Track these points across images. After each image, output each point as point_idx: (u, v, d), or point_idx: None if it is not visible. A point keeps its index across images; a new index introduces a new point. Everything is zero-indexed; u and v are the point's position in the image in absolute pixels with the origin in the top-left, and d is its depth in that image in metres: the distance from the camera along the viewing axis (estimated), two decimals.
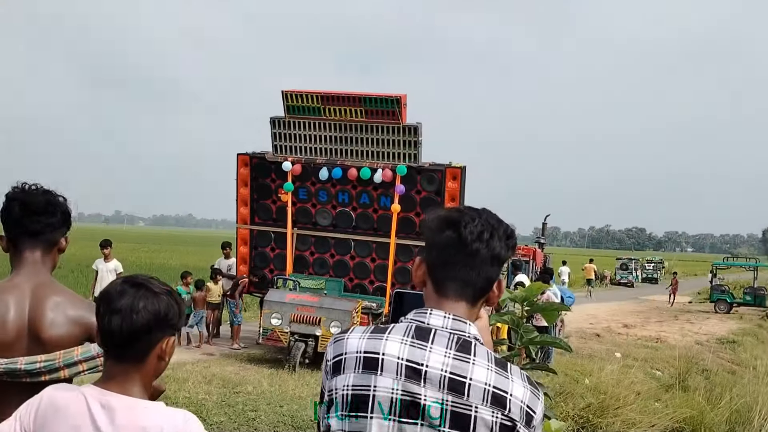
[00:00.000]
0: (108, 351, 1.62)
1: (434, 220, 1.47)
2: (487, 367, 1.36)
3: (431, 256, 1.45)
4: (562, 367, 9.95)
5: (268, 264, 11.33)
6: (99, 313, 1.60)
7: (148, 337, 1.59)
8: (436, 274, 1.44)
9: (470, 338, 1.40)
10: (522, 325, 3.44)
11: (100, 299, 1.61)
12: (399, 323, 1.45)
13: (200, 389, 8.05)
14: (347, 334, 1.45)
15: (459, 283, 1.43)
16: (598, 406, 7.73)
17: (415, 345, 1.38)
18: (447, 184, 10.02)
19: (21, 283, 2.07)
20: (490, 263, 1.43)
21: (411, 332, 1.40)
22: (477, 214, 1.44)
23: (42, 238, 2.12)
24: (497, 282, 1.46)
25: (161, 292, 1.63)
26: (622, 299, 28.90)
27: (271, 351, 10.83)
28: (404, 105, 10.04)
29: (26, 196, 2.10)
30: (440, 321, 1.41)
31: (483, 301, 1.46)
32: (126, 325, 1.56)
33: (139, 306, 1.57)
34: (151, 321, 1.58)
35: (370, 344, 1.40)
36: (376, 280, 10.74)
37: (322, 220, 10.85)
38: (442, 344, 1.38)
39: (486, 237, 1.42)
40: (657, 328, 19.10)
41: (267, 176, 10.99)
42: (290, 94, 10.44)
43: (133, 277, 1.66)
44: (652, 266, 43.93)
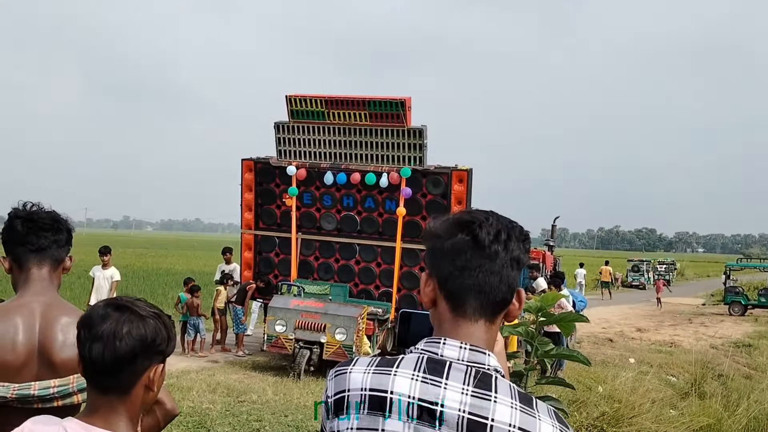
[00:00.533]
0: (91, 381, 1.46)
1: (442, 225, 1.28)
2: (510, 404, 1.18)
3: (442, 267, 1.25)
4: (575, 374, 9.73)
5: (272, 269, 11.19)
6: (80, 340, 1.44)
7: (132, 366, 1.45)
8: (450, 285, 1.24)
9: (490, 371, 1.21)
10: (537, 337, 3.23)
11: (81, 324, 1.45)
12: (408, 354, 1.25)
13: (204, 398, 7.91)
14: (350, 367, 1.27)
15: (478, 295, 1.23)
16: (612, 415, 7.50)
17: (427, 381, 1.20)
18: (453, 187, 9.85)
19: (29, 302, 1.97)
20: (510, 267, 1.24)
21: (423, 366, 1.22)
22: (488, 215, 1.27)
23: (49, 254, 2.05)
24: (517, 292, 1.27)
25: (148, 315, 1.47)
26: (634, 302, 28.55)
27: (275, 358, 10.68)
28: (409, 108, 9.88)
29: (30, 214, 2.04)
30: (456, 352, 1.22)
31: (503, 317, 1.27)
32: (108, 353, 1.41)
33: (122, 331, 1.42)
34: (137, 348, 1.43)
35: (376, 380, 1.22)
36: (381, 285, 10.56)
37: (327, 225, 10.70)
38: (459, 379, 1.19)
39: (503, 238, 1.24)
40: (671, 331, 18.78)
41: (271, 181, 10.87)
42: (294, 98, 10.31)
43: (116, 299, 1.50)
44: (664, 267, 43.37)
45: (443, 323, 1.25)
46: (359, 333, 9.43)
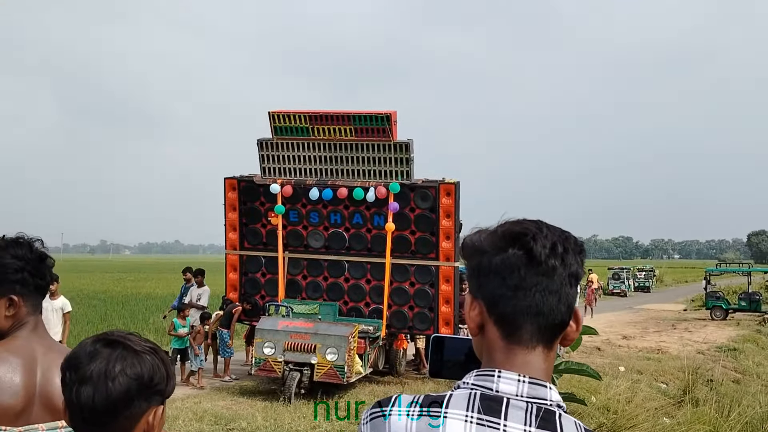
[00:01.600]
0: (79, 430, 1.28)
1: (487, 238, 1.11)
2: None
3: (490, 287, 1.09)
4: (568, 385, 9.64)
5: (259, 290, 10.96)
6: (65, 383, 1.26)
7: (128, 410, 1.26)
8: (503, 308, 1.08)
9: (553, 407, 1.06)
10: None
11: (67, 365, 1.27)
12: (458, 391, 1.09)
13: (191, 427, 7.67)
14: (388, 408, 1.09)
15: (535, 318, 1.08)
16: (610, 426, 7.44)
17: (483, 423, 1.04)
18: (441, 201, 9.80)
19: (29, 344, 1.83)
20: (569, 284, 1.09)
21: (476, 404, 1.05)
22: (540, 225, 1.12)
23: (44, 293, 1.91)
24: (574, 312, 1.12)
25: (143, 350, 1.30)
26: (617, 309, 28.72)
27: (264, 382, 10.43)
28: (394, 122, 9.83)
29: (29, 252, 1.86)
30: (513, 386, 1.06)
31: (559, 340, 1.12)
32: (100, 396, 1.23)
33: (115, 370, 1.24)
34: (132, 388, 1.26)
35: (424, 425, 1.05)
36: (372, 302, 10.41)
37: (314, 242, 10.54)
38: (520, 419, 1.04)
39: (560, 251, 1.08)
40: (656, 338, 18.87)
41: (256, 200, 10.70)
42: (277, 115, 10.20)
43: (106, 334, 1.32)
44: (644, 275, 43.89)
45: (494, 352, 1.10)
46: (351, 352, 9.26)
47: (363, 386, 10.36)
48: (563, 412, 1.06)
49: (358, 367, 9.60)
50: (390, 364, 11.17)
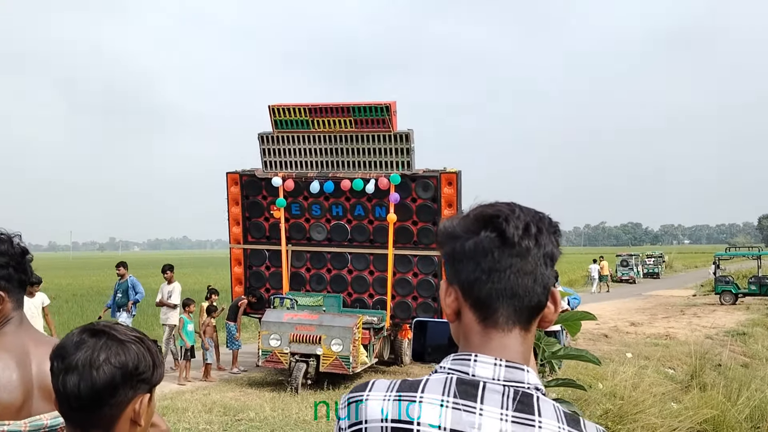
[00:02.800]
0: (68, 419, 1.29)
1: (459, 223, 1.09)
2: (558, 429, 1.01)
3: (465, 272, 1.07)
4: (575, 373, 9.65)
5: (263, 283, 11.02)
6: (53, 372, 1.27)
7: (114, 398, 1.27)
8: (478, 292, 1.06)
9: (531, 390, 1.04)
10: (543, 338, 3.13)
11: (55, 354, 1.29)
12: (434, 375, 1.08)
13: (201, 419, 7.74)
14: (365, 392, 1.08)
15: (510, 300, 1.06)
16: (616, 412, 7.41)
17: (459, 407, 1.02)
18: (443, 190, 9.78)
19: (18, 338, 1.81)
20: (544, 264, 1.07)
21: (452, 389, 1.04)
22: (513, 207, 1.10)
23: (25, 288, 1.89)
24: (551, 292, 1.10)
25: (128, 339, 1.31)
26: (626, 296, 28.64)
27: (271, 373, 10.50)
28: (394, 112, 9.80)
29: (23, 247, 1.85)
30: (489, 370, 1.05)
31: (537, 322, 1.11)
32: (85, 385, 1.23)
33: (99, 359, 1.25)
34: (117, 377, 1.26)
35: (399, 408, 1.04)
36: (375, 293, 10.44)
37: (317, 235, 10.57)
38: (496, 403, 1.02)
39: (534, 231, 1.06)
40: (665, 324, 18.80)
41: (258, 193, 10.72)
42: (277, 108, 10.19)
43: (92, 324, 1.33)
44: (653, 261, 43.63)
45: (471, 336, 1.08)
46: (355, 343, 9.30)
47: (369, 376, 10.40)
48: (541, 395, 1.04)
49: (363, 357, 9.64)
50: (395, 354, 11.21)
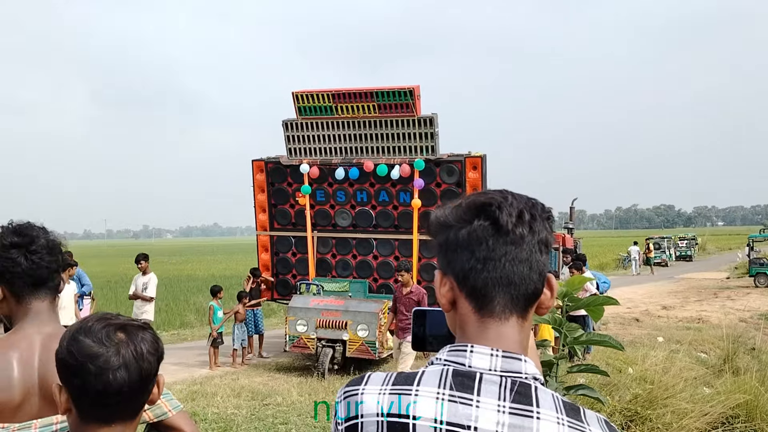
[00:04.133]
0: (92, 414, 1.31)
1: (452, 212, 1.08)
2: (556, 419, 1.00)
3: (459, 261, 1.06)
4: (604, 357, 9.55)
5: (290, 269, 11.12)
6: (87, 372, 1.28)
7: (152, 385, 1.36)
8: (473, 281, 1.05)
9: (528, 380, 1.03)
10: (565, 324, 3.09)
11: (80, 355, 1.29)
12: (430, 368, 1.07)
13: (229, 403, 7.85)
14: (361, 386, 1.07)
15: (506, 288, 1.05)
16: (646, 397, 7.30)
17: (456, 399, 1.01)
18: (468, 175, 9.70)
19: (29, 335, 1.80)
20: (539, 251, 1.06)
21: (448, 381, 1.03)
22: (505, 194, 1.08)
23: (49, 285, 1.87)
24: (547, 279, 1.09)
25: (145, 326, 1.37)
26: (657, 279, 28.24)
27: (298, 358, 10.60)
28: (418, 97, 9.72)
29: (30, 241, 1.83)
30: (486, 361, 1.03)
31: (534, 309, 1.09)
32: (134, 378, 1.29)
33: (143, 351, 1.32)
34: (155, 364, 1.35)
35: (394, 402, 1.03)
36: None
37: (342, 221, 10.59)
38: (493, 394, 1.01)
39: (527, 218, 1.05)
40: (697, 307, 18.48)
41: (283, 180, 10.78)
42: (301, 95, 10.19)
43: (105, 317, 1.35)
44: (685, 243, 42.94)
45: (467, 326, 1.07)
46: (381, 328, 9.32)
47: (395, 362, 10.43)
48: (540, 385, 1.03)
49: (390, 343, 9.66)
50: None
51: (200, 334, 14.17)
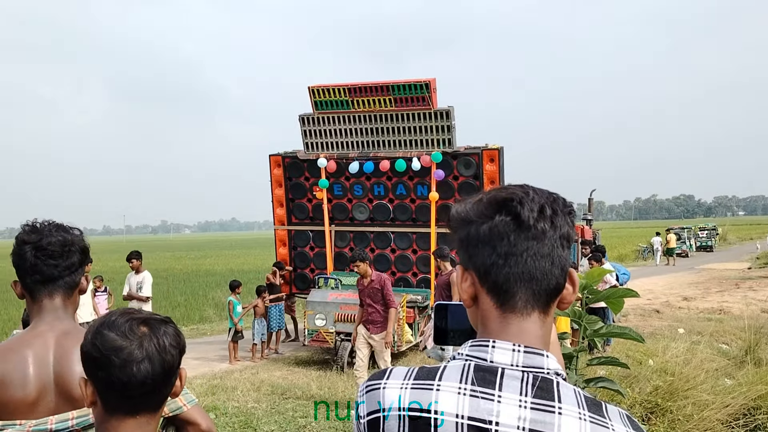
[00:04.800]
0: (118, 406, 1.35)
1: (473, 207, 1.09)
2: (578, 415, 1.00)
3: (481, 257, 1.06)
4: (624, 349, 9.49)
5: (308, 263, 11.17)
6: (111, 365, 1.31)
7: (175, 377, 1.41)
8: (495, 276, 1.06)
9: (550, 375, 1.03)
10: (584, 316, 3.08)
11: (105, 348, 1.32)
12: (452, 362, 1.07)
13: (249, 397, 7.91)
14: (382, 381, 1.08)
15: (528, 283, 1.05)
16: (666, 388, 7.25)
17: (477, 394, 1.01)
18: (485, 167, 9.66)
19: (43, 333, 1.84)
20: (561, 246, 1.07)
21: (469, 376, 1.03)
22: (526, 189, 1.09)
23: (60, 283, 1.90)
24: (569, 274, 1.09)
25: (165, 319, 1.41)
26: (678, 270, 27.96)
27: (317, 352, 10.65)
28: (434, 89, 9.69)
29: (40, 238, 1.87)
30: (508, 356, 1.04)
31: (556, 304, 1.10)
32: (157, 370, 1.34)
33: (166, 344, 1.36)
34: (178, 357, 1.40)
35: (416, 397, 1.03)
36: (419, 271, 10.45)
37: (359, 215, 10.61)
38: (515, 389, 1.01)
39: (549, 213, 1.06)
40: (718, 298, 18.27)
41: (300, 175, 10.82)
42: (317, 89, 10.20)
43: (127, 312, 1.39)
44: (706, 234, 42.42)
45: (489, 322, 1.07)
46: (400, 322, 9.33)
47: (414, 355, 10.45)
48: (561, 380, 1.03)
49: (408, 336, 9.68)
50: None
51: (219, 328, 14.28)
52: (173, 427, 1.83)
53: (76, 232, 1.95)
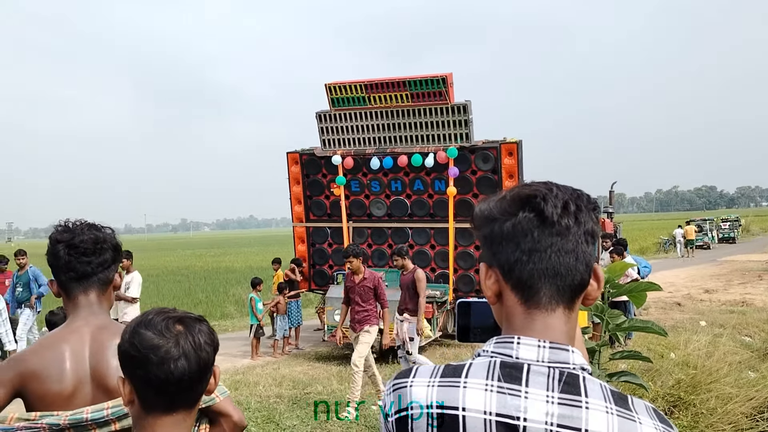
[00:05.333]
0: (155, 403, 1.38)
1: (496, 205, 1.09)
2: (605, 409, 1.00)
3: (505, 253, 1.07)
4: (646, 342, 9.43)
5: (326, 260, 11.21)
6: (149, 362, 1.34)
7: (209, 375, 1.43)
8: (519, 273, 1.06)
9: (576, 371, 1.04)
10: (607, 311, 3.06)
11: (142, 346, 1.35)
12: (477, 359, 1.08)
13: (271, 392, 7.98)
14: (409, 379, 1.09)
15: (553, 279, 1.06)
16: (689, 382, 7.19)
17: (504, 391, 1.02)
18: (503, 161, 9.62)
19: (79, 328, 1.91)
20: (585, 242, 1.07)
21: (496, 372, 1.04)
22: (550, 186, 1.09)
23: (94, 279, 1.97)
24: (593, 269, 1.09)
25: (199, 318, 1.44)
26: (699, 263, 27.65)
27: (337, 348, 10.69)
28: (451, 84, 9.67)
29: (72, 236, 1.94)
30: (533, 352, 1.04)
31: (581, 300, 1.10)
32: (193, 368, 1.36)
33: (201, 342, 1.39)
34: (212, 355, 1.42)
35: (443, 394, 1.04)
36: (437, 267, 10.44)
37: (377, 211, 10.63)
38: (542, 385, 1.02)
39: (573, 209, 1.06)
40: (741, 290, 18.05)
41: (318, 172, 10.85)
42: (334, 86, 10.22)
43: (163, 311, 1.42)
44: (728, 225, 41.89)
45: (513, 318, 1.07)
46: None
47: (433, 350, 10.46)
48: (588, 375, 1.04)
49: (427, 331, 9.66)
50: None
51: (240, 325, 14.40)
52: (206, 419, 1.87)
53: (108, 231, 2.01)
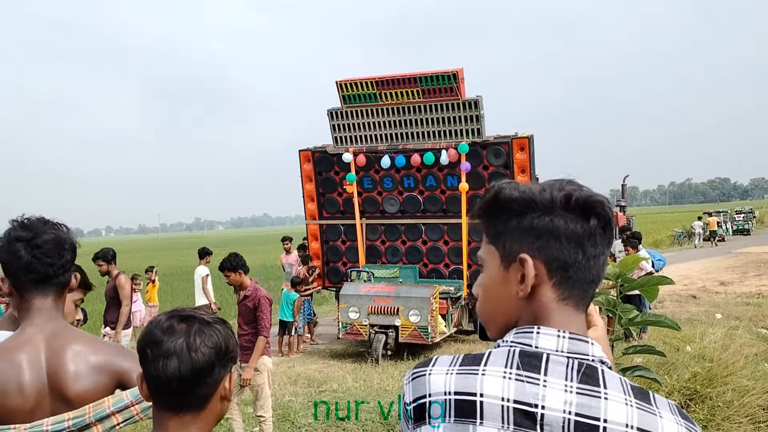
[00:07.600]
0: (162, 401, 1.38)
1: (545, 197, 1.07)
2: (624, 401, 1.01)
3: (558, 251, 1.06)
4: (661, 336, 9.39)
5: (340, 257, 11.24)
6: (146, 359, 1.35)
7: (211, 377, 1.37)
8: (573, 273, 1.07)
9: (595, 362, 1.05)
10: (619, 305, 3.06)
11: (146, 342, 1.36)
12: (497, 349, 1.09)
13: (286, 390, 8.02)
14: (428, 368, 1.10)
15: (590, 285, 1.09)
16: (705, 375, 7.15)
17: (523, 379, 1.03)
18: (515, 156, 9.60)
19: (33, 335, 1.79)
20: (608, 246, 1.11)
21: (515, 361, 1.05)
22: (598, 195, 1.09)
23: (54, 281, 1.84)
24: None
25: (214, 321, 1.41)
26: (714, 255, 27.43)
27: (352, 345, 10.75)
28: (462, 79, 9.66)
29: (33, 235, 1.80)
30: (553, 342, 1.05)
31: None
32: (185, 368, 1.33)
33: (196, 342, 1.35)
34: (212, 357, 1.36)
35: (461, 382, 1.05)
36: (451, 263, 10.45)
37: (390, 207, 10.64)
38: (560, 375, 1.03)
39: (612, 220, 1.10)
40: (756, 282, 17.90)
41: (330, 169, 10.87)
42: (345, 83, 10.23)
43: (177, 310, 1.41)
44: (742, 217, 41.50)
45: (543, 310, 1.08)
46: (433, 313, 9.37)
47: (448, 345, 10.48)
48: (606, 368, 1.05)
49: (441, 327, 9.71)
50: (474, 322, 11.23)
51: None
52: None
53: (65, 229, 1.88)
